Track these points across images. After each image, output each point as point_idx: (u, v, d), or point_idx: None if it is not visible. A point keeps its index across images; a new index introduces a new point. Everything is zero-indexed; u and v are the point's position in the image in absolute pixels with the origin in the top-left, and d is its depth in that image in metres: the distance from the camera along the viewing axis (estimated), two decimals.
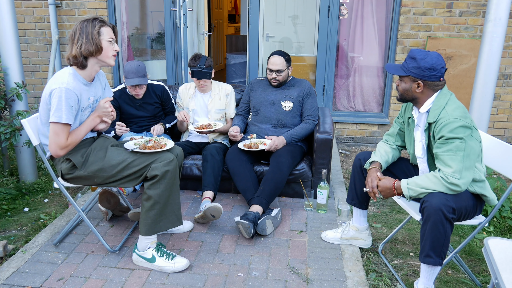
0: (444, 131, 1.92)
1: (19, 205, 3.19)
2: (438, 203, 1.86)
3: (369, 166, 2.24)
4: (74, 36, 2.14)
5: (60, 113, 2.06)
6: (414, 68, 2.01)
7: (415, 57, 2.01)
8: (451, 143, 1.91)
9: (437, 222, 1.86)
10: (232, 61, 6.97)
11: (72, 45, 2.14)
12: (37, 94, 4.93)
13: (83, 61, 2.16)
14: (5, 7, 3.27)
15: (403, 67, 2.06)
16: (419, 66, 1.99)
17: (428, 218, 1.89)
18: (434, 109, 2.01)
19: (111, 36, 2.19)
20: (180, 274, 2.24)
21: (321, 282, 2.19)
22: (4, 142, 3.33)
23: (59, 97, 2.06)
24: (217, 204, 2.61)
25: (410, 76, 2.03)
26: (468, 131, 1.91)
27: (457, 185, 1.89)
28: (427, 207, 1.89)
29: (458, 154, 1.90)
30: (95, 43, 2.13)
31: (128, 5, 4.96)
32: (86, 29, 2.13)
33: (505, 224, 2.84)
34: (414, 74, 2.01)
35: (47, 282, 2.16)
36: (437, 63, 1.98)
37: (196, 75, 3.17)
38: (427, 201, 1.90)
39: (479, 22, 4.30)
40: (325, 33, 4.61)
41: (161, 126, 3.26)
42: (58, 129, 2.09)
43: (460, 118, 1.91)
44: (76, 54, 2.13)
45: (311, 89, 3.26)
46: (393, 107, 4.65)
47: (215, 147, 3.12)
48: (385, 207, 3.19)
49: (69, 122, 2.10)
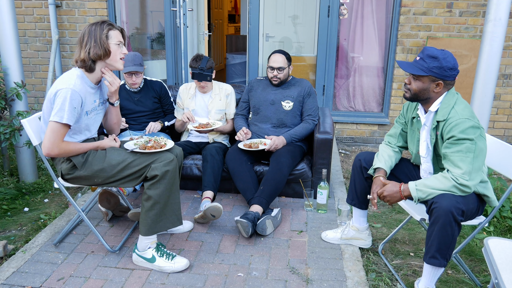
0: (455, 131, 1.90)
1: (19, 205, 3.19)
2: (448, 205, 1.83)
3: (374, 174, 2.22)
4: (83, 40, 2.15)
5: (62, 113, 2.07)
6: (436, 68, 1.94)
7: (437, 56, 1.94)
8: (461, 144, 1.89)
9: (446, 224, 1.84)
10: (232, 61, 6.97)
11: (81, 49, 2.15)
12: (37, 94, 4.93)
13: (92, 65, 2.17)
14: (5, 7, 3.27)
15: (421, 67, 1.98)
16: (441, 66, 1.94)
17: (437, 220, 1.86)
18: (443, 107, 1.99)
19: (119, 39, 2.20)
20: (180, 274, 2.24)
21: (321, 282, 2.19)
22: (4, 142, 3.33)
23: (64, 97, 2.07)
24: (217, 204, 2.61)
25: (431, 76, 1.97)
26: (478, 131, 1.90)
27: (467, 186, 1.88)
28: (436, 208, 1.86)
29: (468, 155, 1.88)
30: (103, 47, 2.13)
31: (128, 5, 4.96)
32: (94, 33, 2.13)
33: (505, 224, 2.84)
34: (436, 74, 1.95)
35: (47, 282, 2.16)
36: (456, 62, 1.96)
37: (197, 77, 3.18)
38: (437, 203, 1.87)
39: (479, 22, 4.30)
40: (325, 33, 4.61)
41: (158, 123, 3.29)
42: (56, 128, 2.08)
43: (470, 118, 1.90)
44: (85, 58, 2.14)
45: (311, 89, 3.26)
46: (393, 107, 4.65)
47: (215, 147, 3.12)
48: (385, 207, 3.19)
49: (69, 123, 2.10)
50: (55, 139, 2.09)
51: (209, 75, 3.18)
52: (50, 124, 2.09)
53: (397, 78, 4.56)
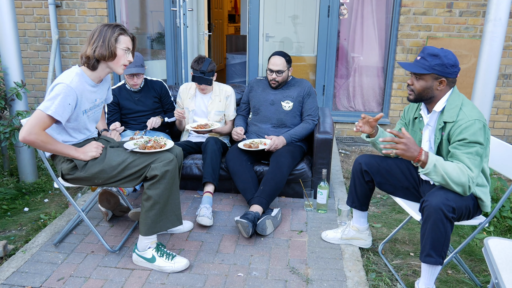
0: (466, 133, 1.91)
1: (19, 205, 3.19)
2: (438, 202, 1.86)
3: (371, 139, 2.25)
4: (92, 37, 2.15)
5: (50, 105, 2.03)
6: (438, 65, 1.96)
7: (437, 54, 1.97)
8: (471, 147, 1.91)
9: (437, 221, 1.86)
10: (232, 61, 6.97)
11: (88, 45, 2.15)
12: (37, 94, 4.93)
13: (95, 63, 2.17)
14: (5, 7, 3.27)
15: (423, 65, 1.99)
16: (443, 63, 1.96)
17: (428, 218, 1.88)
18: (450, 108, 2.00)
19: (127, 46, 2.19)
20: (180, 274, 2.24)
21: (321, 282, 2.19)
22: (4, 142, 3.34)
23: (58, 91, 2.06)
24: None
25: (433, 73, 1.98)
26: (486, 132, 1.93)
27: (471, 189, 1.92)
28: (427, 206, 1.89)
29: (476, 159, 1.91)
30: (109, 49, 2.13)
31: (128, 5, 4.95)
32: (105, 33, 2.13)
33: (505, 224, 2.84)
34: (438, 72, 1.97)
35: (47, 282, 2.16)
36: (456, 59, 1.98)
37: (197, 81, 3.17)
38: (427, 201, 1.89)
39: (479, 22, 4.30)
40: (325, 33, 4.61)
41: (158, 118, 3.30)
42: (39, 116, 2.04)
43: (479, 119, 1.92)
44: (90, 55, 2.14)
45: (311, 89, 3.26)
46: (393, 107, 4.65)
47: (214, 138, 3.13)
48: (385, 207, 3.20)
49: (54, 116, 2.04)
50: (35, 126, 2.03)
51: (209, 79, 3.18)
52: (35, 111, 2.06)
53: (397, 78, 4.56)
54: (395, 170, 2.30)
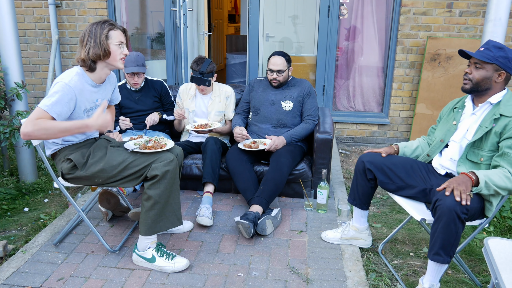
0: None
1: (19, 205, 3.19)
2: (452, 202, 1.83)
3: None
4: (83, 39, 2.14)
5: (48, 101, 2.03)
6: (502, 57, 1.98)
7: (502, 47, 1.99)
8: None
9: (450, 222, 1.84)
10: (232, 61, 6.97)
11: (81, 48, 2.15)
12: (37, 94, 4.93)
13: (92, 64, 2.17)
14: (5, 7, 3.27)
15: (487, 55, 2.00)
16: (507, 56, 1.98)
17: (440, 217, 1.86)
18: (509, 104, 2.01)
19: (120, 40, 2.18)
20: (180, 274, 2.24)
21: (321, 282, 2.19)
22: (4, 142, 3.34)
23: (57, 89, 2.06)
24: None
25: (495, 64, 1.99)
26: None
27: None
28: (440, 205, 1.86)
29: None
30: (102, 47, 2.12)
31: (128, 5, 4.96)
32: (94, 33, 2.12)
33: (505, 224, 2.84)
34: (500, 64, 1.98)
35: (47, 282, 2.16)
36: None
37: (196, 81, 3.17)
38: (441, 200, 1.87)
39: (479, 22, 4.30)
40: (325, 33, 4.61)
41: (156, 114, 3.31)
42: (36, 111, 2.02)
43: None
44: (85, 58, 2.13)
45: (311, 89, 3.26)
46: (393, 107, 4.65)
47: (214, 138, 3.13)
48: (385, 207, 3.20)
49: (49, 112, 2.02)
50: (31, 118, 2.00)
51: (208, 80, 3.17)
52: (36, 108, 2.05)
53: (397, 78, 4.56)
54: (399, 169, 2.28)
